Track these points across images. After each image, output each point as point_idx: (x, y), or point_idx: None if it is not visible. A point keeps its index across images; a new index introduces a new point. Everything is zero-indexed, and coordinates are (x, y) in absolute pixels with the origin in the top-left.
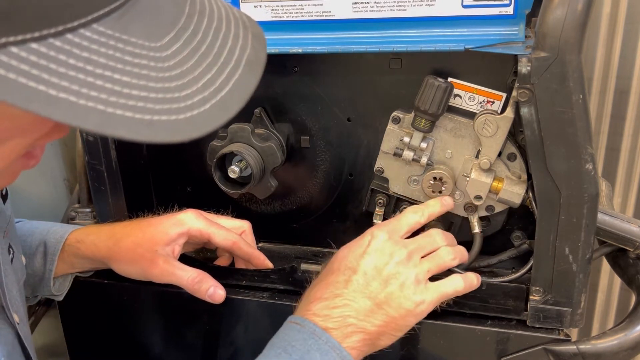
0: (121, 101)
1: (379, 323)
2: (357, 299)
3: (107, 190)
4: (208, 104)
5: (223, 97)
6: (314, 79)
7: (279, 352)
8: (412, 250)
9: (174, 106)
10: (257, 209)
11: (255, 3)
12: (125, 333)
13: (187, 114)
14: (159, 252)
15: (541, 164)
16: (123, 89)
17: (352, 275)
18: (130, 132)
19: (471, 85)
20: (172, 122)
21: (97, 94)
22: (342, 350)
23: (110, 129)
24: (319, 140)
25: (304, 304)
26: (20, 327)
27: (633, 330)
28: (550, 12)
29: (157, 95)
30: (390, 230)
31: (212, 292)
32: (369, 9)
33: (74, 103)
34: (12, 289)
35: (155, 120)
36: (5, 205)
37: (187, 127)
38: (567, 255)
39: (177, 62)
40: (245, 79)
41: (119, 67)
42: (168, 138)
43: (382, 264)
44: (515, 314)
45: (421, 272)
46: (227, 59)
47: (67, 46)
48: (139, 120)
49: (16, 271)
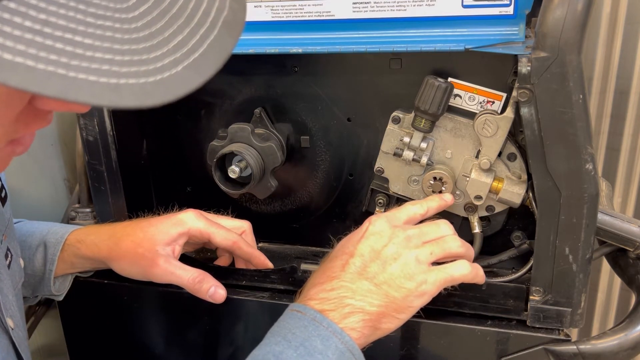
0: (83, 64)
1: (379, 303)
2: (354, 280)
3: (107, 190)
4: (180, 66)
5: (196, 59)
6: (314, 79)
7: (279, 339)
8: (412, 234)
9: (142, 69)
10: (257, 209)
11: (255, 3)
12: (125, 333)
13: (157, 76)
14: (159, 252)
15: (541, 164)
16: (85, 52)
17: (349, 259)
18: (95, 97)
19: (471, 85)
20: (140, 85)
21: (57, 58)
22: (344, 334)
23: (73, 94)
24: (319, 140)
25: (303, 292)
26: (14, 332)
27: (633, 330)
28: (550, 12)
29: (123, 58)
30: (389, 217)
31: (212, 291)
32: (369, 9)
33: (31, 67)
34: (8, 294)
35: (121, 84)
36: (5, 208)
37: (157, 91)
38: (567, 255)
39: (145, 23)
40: (222, 40)
41: (81, 29)
42: (136, 103)
43: (381, 246)
44: (515, 314)
45: (423, 254)
46: (201, 20)
47: (23, 8)
48: (104, 85)
49: (13, 275)
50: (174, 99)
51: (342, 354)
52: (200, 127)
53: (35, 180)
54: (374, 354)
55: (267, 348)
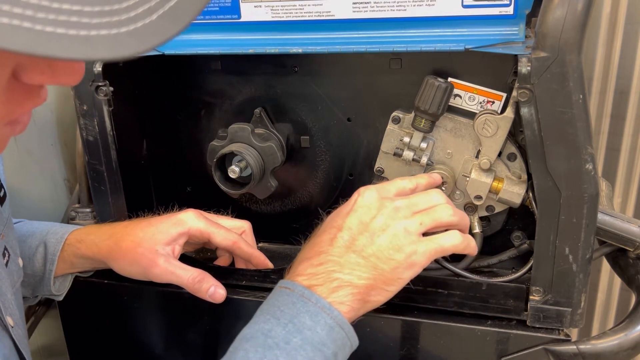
0: (50, 17)
1: (367, 276)
2: (341, 254)
3: (107, 190)
4: (155, 15)
5: (172, 6)
6: (314, 79)
7: (268, 317)
8: (401, 204)
9: (114, 19)
10: (257, 209)
11: (255, 3)
12: (125, 333)
13: (130, 26)
14: (159, 252)
15: (541, 164)
16: (52, 4)
17: (337, 232)
18: (65, 51)
19: (471, 85)
20: (112, 36)
21: (22, 11)
22: (333, 309)
23: (42, 48)
24: (319, 140)
25: (292, 268)
26: (14, 330)
27: (633, 330)
28: (550, 12)
29: (92, 9)
30: (378, 188)
31: (212, 291)
32: (369, 9)
33: None
34: (7, 293)
35: (92, 35)
36: (3, 207)
37: (130, 41)
38: (567, 255)
39: None
40: None
41: None
42: (110, 54)
43: (369, 218)
44: (515, 314)
45: (412, 224)
46: None
47: None
48: (74, 37)
49: (11, 274)
50: (150, 49)
51: (332, 328)
52: (200, 127)
53: (35, 180)
54: (374, 354)
55: (256, 326)
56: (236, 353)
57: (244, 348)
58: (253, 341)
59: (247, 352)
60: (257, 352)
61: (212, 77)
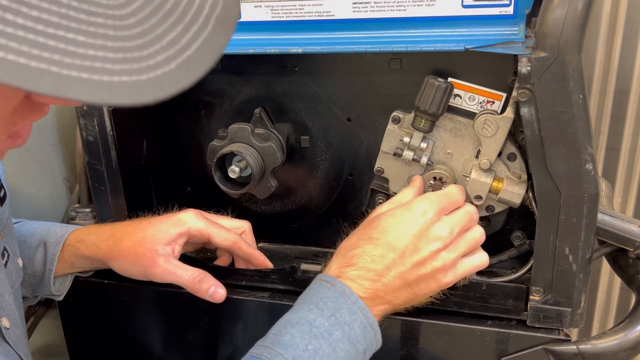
0: (76, 62)
1: (404, 298)
2: (389, 276)
3: (107, 190)
4: (173, 63)
5: (190, 56)
6: (314, 79)
7: (312, 307)
8: (456, 233)
9: (135, 66)
10: (257, 209)
11: (255, 3)
12: (125, 333)
13: (150, 74)
14: (159, 252)
15: (541, 164)
16: (78, 49)
17: (391, 252)
18: (88, 95)
19: (471, 85)
20: (133, 83)
21: (50, 55)
22: (368, 311)
23: (66, 91)
24: (319, 140)
25: (337, 264)
26: (9, 332)
27: (633, 330)
28: (550, 12)
29: (115, 55)
30: (439, 210)
31: (212, 291)
32: (369, 9)
33: (24, 65)
34: (4, 293)
35: (114, 81)
36: (3, 208)
37: (150, 88)
38: (567, 255)
39: (137, 20)
40: (215, 37)
41: (73, 27)
42: (130, 100)
43: (423, 245)
44: (515, 314)
45: (457, 256)
46: (194, 17)
47: (15, 5)
48: (97, 82)
49: (10, 274)
50: (168, 97)
51: (365, 327)
52: (200, 127)
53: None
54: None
55: (300, 314)
56: (282, 336)
57: (290, 333)
58: (298, 327)
59: (294, 337)
60: (304, 338)
61: (212, 77)
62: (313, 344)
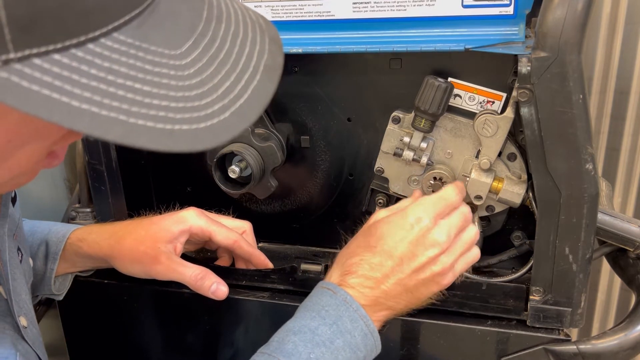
0: (143, 111)
1: (405, 303)
2: (389, 283)
3: (107, 190)
4: (227, 112)
5: (242, 105)
6: (314, 79)
7: (313, 315)
8: (452, 237)
9: (194, 115)
10: (257, 209)
11: (255, 3)
12: (125, 333)
13: (207, 122)
14: (161, 250)
15: (541, 164)
16: (144, 99)
17: (389, 260)
18: (152, 142)
19: (471, 85)
20: (192, 131)
21: (119, 105)
22: (369, 320)
23: (132, 139)
24: (319, 140)
25: (338, 272)
26: (27, 330)
27: (633, 330)
28: (550, 12)
29: (177, 105)
30: (435, 215)
31: (214, 288)
32: (369, 9)
33: (96, 114)
34: (21, 293)
35: (176, 129)
36: (15, 208)
37: (207, 136)
38: (567, 255)
39: (196, 70)
40: (263, 85)
41: (140, 77)
42: (188, 147)
43: (421, 252)
44: (515, 314)
45: (455, 258)
46: (245, 65)
47: (89, 56)
48: (161, 130)
49: (25, 273)
50: (221, 144)
51: (365, 335)
52: None
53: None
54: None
55: (302, 322)
56: (285, 344)
57: (293, 341)
58: (301, 335)
59: (297, 345)
60: (307, 346)
61: None
62: (315, 353)
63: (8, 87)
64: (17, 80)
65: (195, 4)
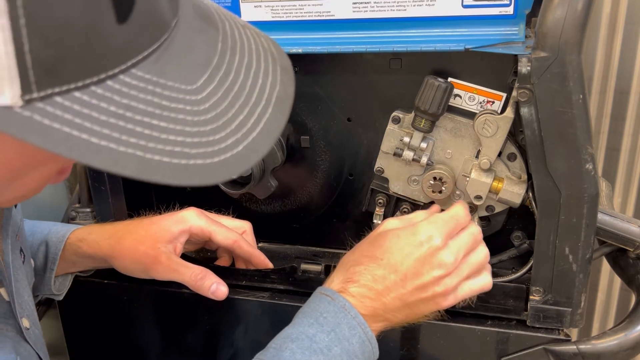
0: (159, 147)
1: (403, 317)
2: (389, 297)
3: (107, 190)
4: (240, 146)
5: (254, 138)
6: (314, 79)
7: (311, 322)
8: (460, 259)
9: (209, 150)
10: (257, 209)
11: (255, 3)
12: (125, 333)
13: (221, 156)
14: (161, 249)
15: (541, 164)
16: (161, 135)
17: (392, 274)
18: (167, 177)
19: (471, 85)
20: (206, 165)
21: (136, 141)
22: (367, 327)
23: (148, 174)
24: (319, 140)
25: (339, 278)
26: (29, 332)
27: (633, 330)
28: (550, 12)
29: (192, 140)
30: (446, 235)
31: (214, 288)
32: (369, 9)
33: (114, 150)
34: (24, 294)
35: (190, 164)
36: (16, 210)
37: (220, 170)
38: (567, 255)
39: (211, 104)
40: (275, 118)
41: (157, 113)
42: (202, 181)
43: (426, 270)
44: (515, 314)
45: (460, 281)
46: (258, 98)
47: (108, 93)
48: (176, 165)
49: (27, 275)
50: (233, 177)
51: (363, 342)
52: None
53: None
54: None
55: (300, 328)
56: (282, 351)
57: (290, 348)
58: (298, 343)
59: (294, 352)
60: (304, 354)
61: None
62: None
63: (31, 125)
64: (40, 118)
65: (210, 36)
